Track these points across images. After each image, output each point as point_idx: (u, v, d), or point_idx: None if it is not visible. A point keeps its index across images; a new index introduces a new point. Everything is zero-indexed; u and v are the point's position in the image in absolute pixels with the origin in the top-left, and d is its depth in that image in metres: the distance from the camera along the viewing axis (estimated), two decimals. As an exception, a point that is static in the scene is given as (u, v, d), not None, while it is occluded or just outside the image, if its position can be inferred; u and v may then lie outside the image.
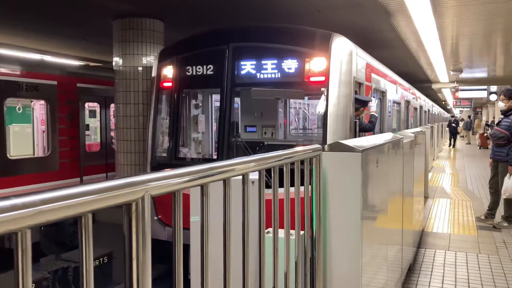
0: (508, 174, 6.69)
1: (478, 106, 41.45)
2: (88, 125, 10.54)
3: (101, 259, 7.31)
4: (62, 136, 8.69)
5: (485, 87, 22.42)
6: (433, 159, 15.93)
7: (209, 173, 1.51)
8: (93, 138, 11.66)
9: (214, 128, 7.43)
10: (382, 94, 8.36)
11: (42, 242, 7.87)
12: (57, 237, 8.04)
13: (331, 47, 5.58)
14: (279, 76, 5.82)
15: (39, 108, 9.99)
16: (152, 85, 6.83)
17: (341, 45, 5.72)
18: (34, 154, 9.58)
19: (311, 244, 2.47)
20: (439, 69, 15.62)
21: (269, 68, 5.86)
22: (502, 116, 7.16)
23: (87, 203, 1.00)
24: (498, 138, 6.92)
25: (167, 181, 1.29)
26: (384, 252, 3.39)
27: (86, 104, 9.80)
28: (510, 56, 13.31)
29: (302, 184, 2.38)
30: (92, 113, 11.59)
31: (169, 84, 6.53)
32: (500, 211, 7.22)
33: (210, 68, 6.14)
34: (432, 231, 6.84)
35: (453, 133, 26.47)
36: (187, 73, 6.33)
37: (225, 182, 1.63)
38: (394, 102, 9.90)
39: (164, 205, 5.93)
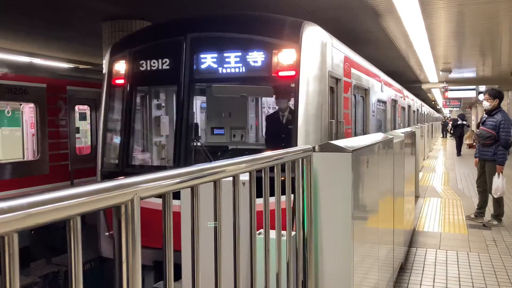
0: (496, 173, 6.76)
1: (467, 106, 41.82)
2: (78, 128, 10.46)
3: (91, 263, 7.25)
4: (52, 139, 8.61)
5: (474, 87, 22.65)
6: (424, 158, 16.05)
7: (199, 175, 1.51)
8: (83, 141, 11.57)
9: None
10: (364, 92, 7.73)
11: (33, 246, 7.79)
12: (48, 241, 7.96)
13: (302, 37, 4.90)
14: (243, 70, 5.12)
15: (28, 111, 9.90)
16: (103, 82, 6.10)
17: (314, 34, 5.03)
18: (23, 157, 9.49)
19: (302, 244, 2.47)
20: (428, 69, 15.76)
21: (232, 62, 5.17)
22: (486, 116, 7.24)
23: (75, 206, 0.99)
24: (485, 138, 6.99)
25: (157, 183, 1.28)
26: (375, 252, 3.41)
27: (76, 107, 9.72)
28: (497, 56, 13.46)
29: (293, 185, 2.38)
30: (82, 116, 11.50)
31: (121, 81, 5.81)
32: (490, 209, 7.29)
33: (165, 62, 5.44)
34: (423, 230, 6.88)
35: (460, 137, 21.49)
36: (141, 69, 5.61)
37: (216, 183, 1.63)
38: (379, 100, 9.23)
39: None
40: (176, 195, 1.44)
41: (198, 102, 8.00)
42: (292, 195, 2.42)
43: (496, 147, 6.88)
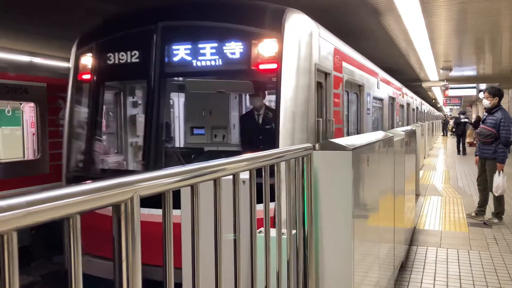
0: (497, 171, 6.76)
1: (468, 104, 41.81)
2: (78, 127, 10.46)
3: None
4: (52, 138, 8.62)
5: (474, 85, 22.64)
6: (424, 157, 16.04)
7: (199, 173, 1.50)
8: (83, 140, 11.55)
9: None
10: (358, 88, 7.20)
11: (33, 245, 7.79)
12: (48, 240, 7.96)
13: (284, 26, 4.39)
14: (220, 63, 4.61)
15: (28, 110, 9.90)
16: (68, 78, 5.64)
17: (298, 23, 4.56)
18: (24, 157, 9.50)
19: (303, 243, 2.47)
20: (428, 67, 15.75)
21: (207, 54, 4.65)
22: (486, 114, 7.24)
23: (75, 204, 0.99)
24: (485, 136, 6.99)
25: (156, 182, 1.28)
26: (376, 250, 3.40)
27: (76, 106, 9.73)
28: (498, 54, 13.45)
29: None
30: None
31: (88, 76, 5.33)
32: (491, 207, 7.28)
33: (134, 54, 4.94)
34: (424, 228, 6.88)
35: (462, 135, 20.24)
36: (108, 62, 5.10)
37: (216, 182, 1.62)
38: (375, 98, 8.71)
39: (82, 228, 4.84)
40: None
41: (181, 99, 7.49)
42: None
43: (496, 145, 6.88)
